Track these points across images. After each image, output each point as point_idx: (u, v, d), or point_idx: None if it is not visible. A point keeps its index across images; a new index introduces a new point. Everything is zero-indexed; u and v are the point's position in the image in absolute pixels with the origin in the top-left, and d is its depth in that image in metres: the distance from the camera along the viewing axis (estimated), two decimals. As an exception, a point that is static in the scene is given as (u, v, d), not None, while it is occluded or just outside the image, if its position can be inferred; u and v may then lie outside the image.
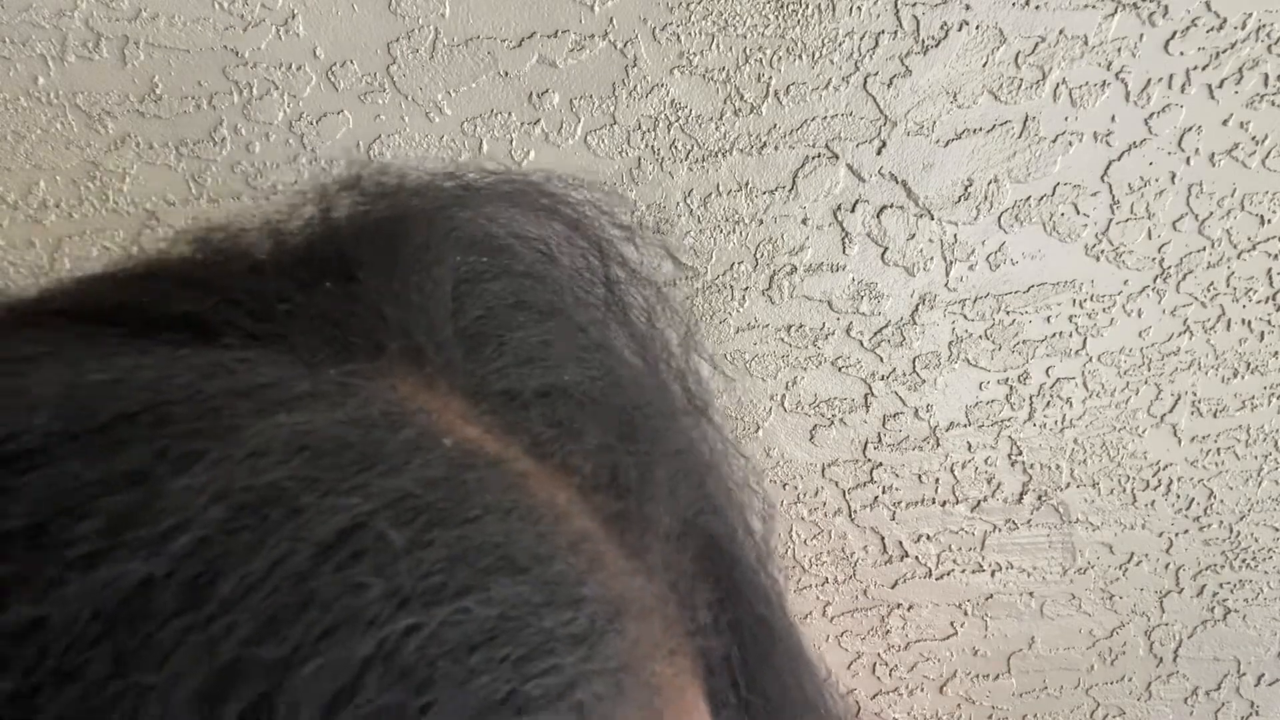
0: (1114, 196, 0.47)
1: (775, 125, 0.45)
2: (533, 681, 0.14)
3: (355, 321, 0.21)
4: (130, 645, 0.13)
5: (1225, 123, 0.45)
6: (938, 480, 0.58)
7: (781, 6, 0.42)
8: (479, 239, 0.26)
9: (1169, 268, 0.49)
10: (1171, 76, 0.43)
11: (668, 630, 0.19)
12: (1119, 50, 0.43)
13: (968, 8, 0.42)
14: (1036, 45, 0.43)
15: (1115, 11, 0.42)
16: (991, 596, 0.63)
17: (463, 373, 0.21)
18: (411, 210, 0.23)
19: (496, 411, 0.20)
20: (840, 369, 0.53)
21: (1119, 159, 0.46)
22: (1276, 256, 0.49)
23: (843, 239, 0.49)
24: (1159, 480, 0.57)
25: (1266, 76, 0.43)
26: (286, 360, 0.19)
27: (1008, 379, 0.53)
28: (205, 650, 0.14)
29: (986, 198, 0.47)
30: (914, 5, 0.42)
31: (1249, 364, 0.52)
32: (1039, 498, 0.58)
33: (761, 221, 0.48)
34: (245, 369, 0.18)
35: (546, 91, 0.44)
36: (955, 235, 0.49)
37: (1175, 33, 0.42)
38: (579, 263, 0.29)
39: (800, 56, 0.43)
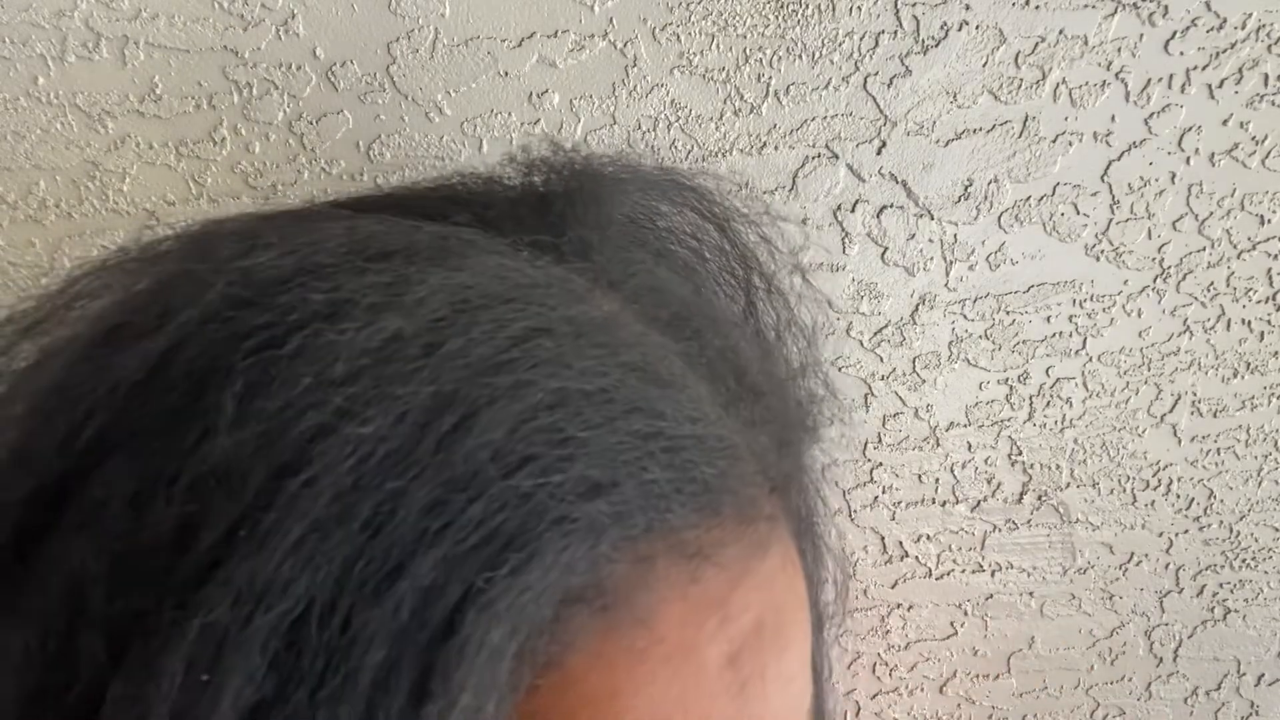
0: (1114, 196, 0.47)
1: (775, 125, 0.45)
2: (652, 455, 0.23)
3: (543, 225, 0.29)
4: (385, 371, 0.22)
5: (1225, 123, 0.45)
6: (938, 480, 0.58)
7: (781, 6, 0.42)
8: (641, 219, 0.34)
9: (1169, 268, 0.49)
10: (1171, 76, 0.43)
11: (769, 476, 0.27)
12: (1119, 50, 0.43)
13: (968, 8, 0.42)
14: (1036, 45, 0.43)
15: (1115, 11, 0.42)
16: (991, 596, 0.63)
17: (618, 278, 0.29)
18: (593, 181, 0.33)
19: (642, 308, 0.29)
20: (840, 369, 0.53)
21: (1119, 159, 0.46)
22: (1276, 256, 0.49)
23: (843, 239, 0.49)
24: (1159, 480, 0.57)
25: (1266, 76, 0.43)
26: (493, 235, 0.28)
27: (1008, 379, 0.53)
28: (432, 379, 0.22)
29: (986, 198, 0.47)
30: (914, 5, 0.42)
31: (1249, 364, 0.52)
32: (1039, 498, 0.58)
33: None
34: (466, 234, 0.27)
35: (546, 91, 0.44)
36: (955, 235, 0.49)
37: (1175, 33, 0.42)
38: (724, 265, 0.35)
39: (800, 56, 0.43)
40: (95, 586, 0.21)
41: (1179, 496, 0.58)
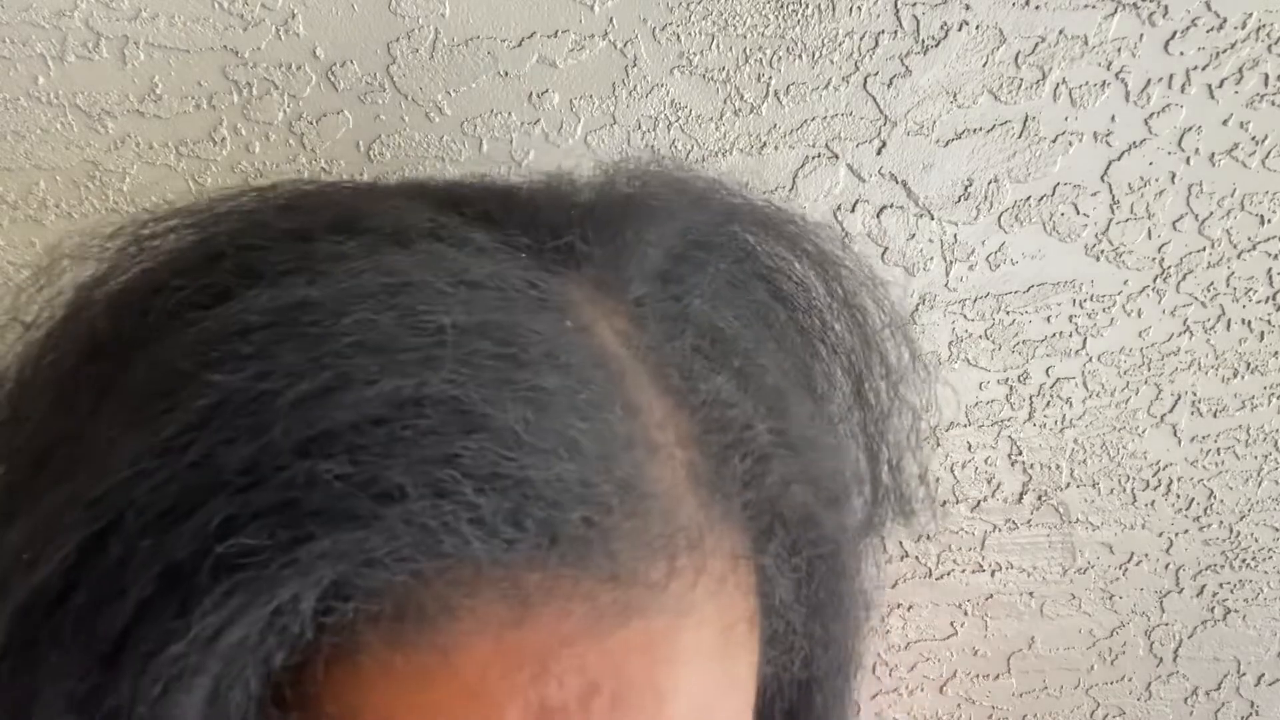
0: (1114, 196, 0.47)
1: (775, 125, 0.45)
2: (487, 480, 0.22)
3: (564, 230, 0.28)
4: (278, 331, 0.23)
5: (1225, 123, 0.45)
6: (938, 480, 0.58)
7: (781, 6, 0.42)
8: (736, 253, 0.32)
9: (1169, 268, 0.49)
10: (1171, 76, 0.43)
11: (688, 544, 0.25)
12: (1119, 50, 0.43)
13: (968, 8, 0.42)
14: (1036, 45, 0.43)
15: (1115, 11, 0.42)
16: (991, 596, 0.63)
17: (627, 296, 0.28)
18: (680, 198, 0.31)
19: (644, 338, 0.27)
20: (840, 369, 0.53)
21: (1119, 159, 0.46)
22: (1276, 256, 0.49)
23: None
24: (1159, 480, 0.57)
25: (1266, 76, 0.43)
26: (489, 231, 0.28)
27: (1008, 379, 0.53)
28: (309, 347, 0.23)
29: (986, 198, 0.47)
30: (914, 5, 0.42)
31: (1249, 364, 0.52)
32: (1039, 498, 0.58)
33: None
34: (451, 223, 0.27)
35: (546, 91, 0.44)
36: (955, 235, 0.49)
37: (1175, 33, 0.42)
38: (839, 339, 0.33)
39: (800, 56, 0.43)
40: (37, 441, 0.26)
41: (1179, 496, 0.58)
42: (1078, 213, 0.48)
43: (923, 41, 0.43)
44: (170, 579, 0.21)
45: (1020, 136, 0.45)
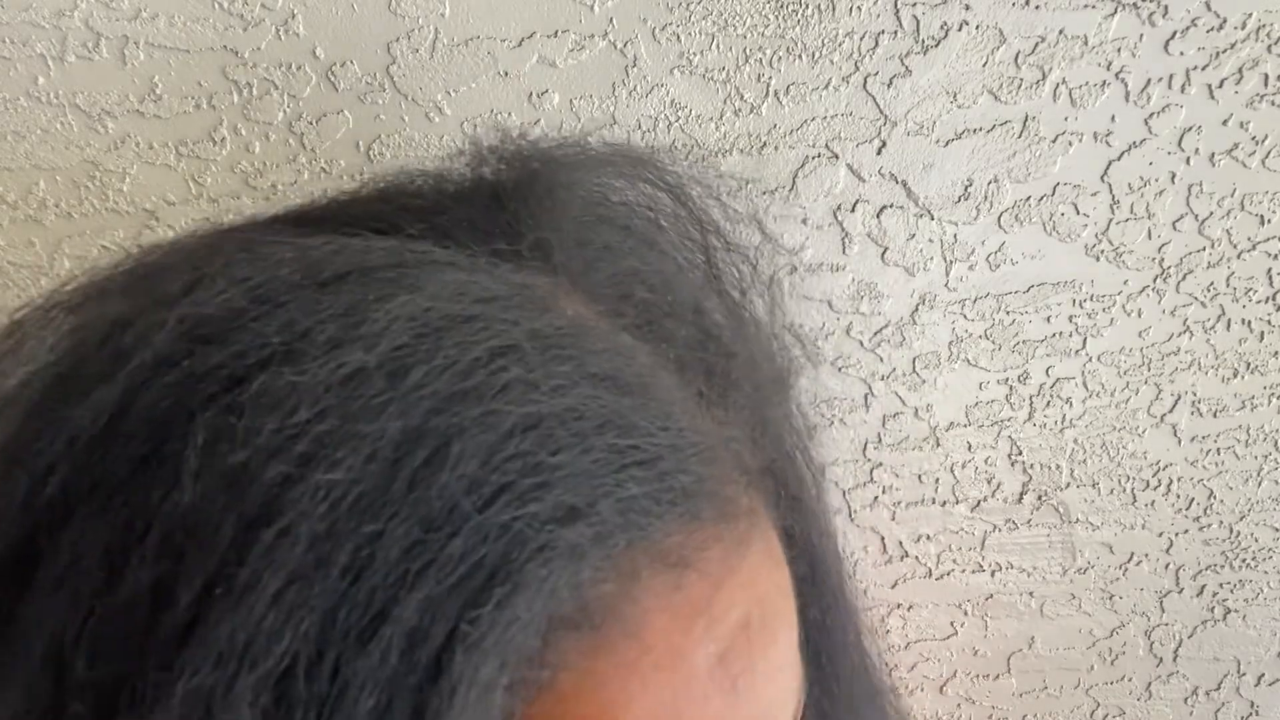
0: (1114, 196, 0.47)
1: (775, 125, 0.45)
2: (628, 470, 0.23)
3: (499, 229, 0.29)
4: (351, 408, 0.21)
5: (1225, 123, 0.45)
6: (938, 480, 0.58)
7: (781, 6, 0.42)
8: (597, 199, 0.33)
9: (1169, 268, 0.49)
10: (1171, 76, 0.43)
11: (745, 469, 0.27)
12: (1119, 50, 0.43)
13: (968, 8, 0.42)
14: (1036, 45, 0.43)
15: (1115, 11, 0.42)
16: (991, 596, 0.63)
17: (580, 275, 0.29)
18: (546, 168, 0.30)
19: (607, 305, 0.29)
20: (840, 369, 0.53)
21: (1119, 159, 0.46)
22: (1276, 256, 0.49)
23: (843, 239, 0.49)
24: (1159, 480, 0.57)
25: (1266, 76, 0.43)
26: (449, 246, 0.27)
27: (1008, 379, 0.53)
28: (399, 414, 0.21)
29: (986, 198, 0.47)
30: (914, 5, 0.42)
31: (1249, 364, 0.52)
32: (1039, 498, 0.58)
33: (761, 222, 0.48)
34: (421, 248, 0.26)
35: (546, 91, 0.44)
36: (955, 235, 0.49)
37: (1175, 33, 0.42)
38: (681, 231, 0.35)
39: (800, 56, 0.43)
40: (76, 649, 0.21)
41: (1179, 496, 0.58)
42: (1078, 213, 0.48)
43: (923, 41, 0.43)
44: (390, 690, 0.20)
45: (1020, 136, 0.45)
